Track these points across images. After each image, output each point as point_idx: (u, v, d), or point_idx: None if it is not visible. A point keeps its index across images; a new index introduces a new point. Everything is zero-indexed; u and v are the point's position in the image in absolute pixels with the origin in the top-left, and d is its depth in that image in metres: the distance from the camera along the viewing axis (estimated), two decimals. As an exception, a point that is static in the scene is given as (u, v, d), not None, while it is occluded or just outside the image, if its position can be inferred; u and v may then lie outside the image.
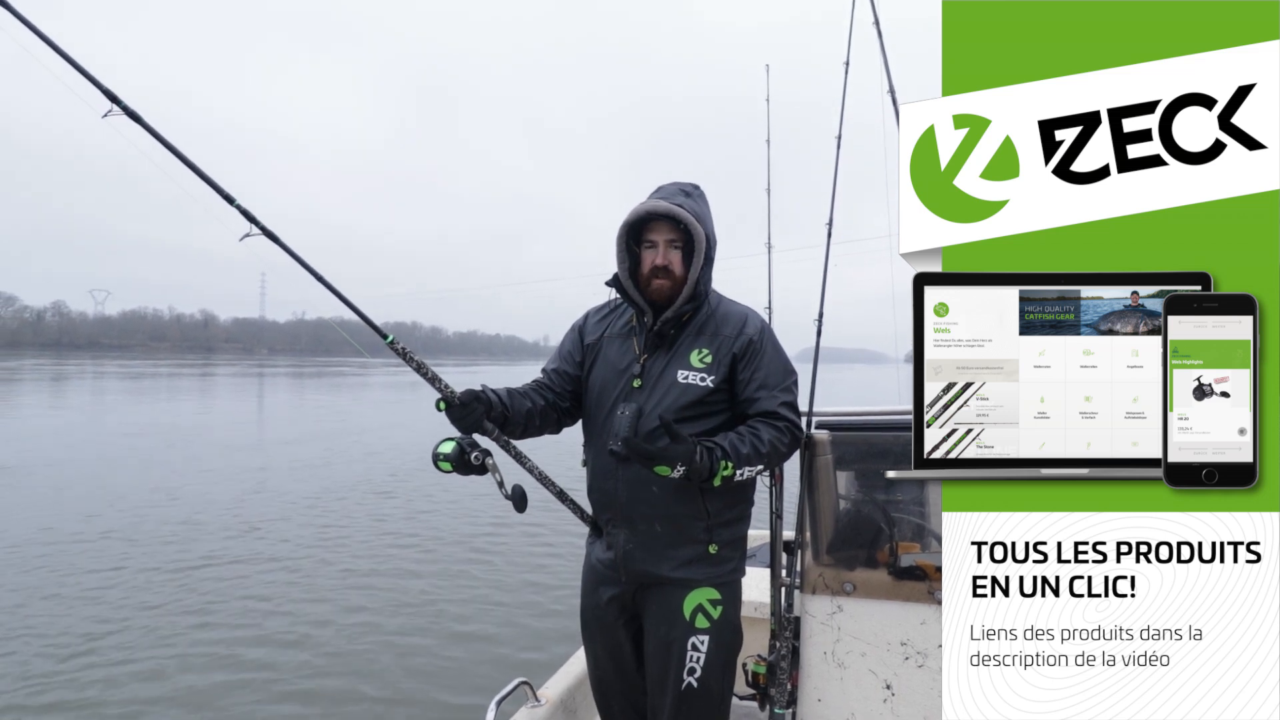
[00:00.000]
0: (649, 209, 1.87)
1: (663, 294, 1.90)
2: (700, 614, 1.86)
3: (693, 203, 1.92)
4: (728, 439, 1.80)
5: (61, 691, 4.34)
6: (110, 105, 1.62)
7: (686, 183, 1.98)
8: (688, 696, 1.85)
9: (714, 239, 1.94)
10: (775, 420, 1.86)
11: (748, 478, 1.83)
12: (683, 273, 1.90)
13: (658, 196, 1.92)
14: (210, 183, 1.70)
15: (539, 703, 2.18)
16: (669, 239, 1.89)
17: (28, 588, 6.11)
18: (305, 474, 11.83)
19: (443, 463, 1.76)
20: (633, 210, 1.90)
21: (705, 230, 1.88)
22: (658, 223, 1.89)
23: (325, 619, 5.53)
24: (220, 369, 64.49)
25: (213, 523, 8.41)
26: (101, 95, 1.62)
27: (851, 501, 2.21)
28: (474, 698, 4.27)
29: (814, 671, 2.08)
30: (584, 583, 2.05)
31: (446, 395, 1.77)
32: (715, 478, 1.75)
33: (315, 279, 1.77)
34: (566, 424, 2.06)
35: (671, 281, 1.89)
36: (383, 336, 1.80)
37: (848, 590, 2.07)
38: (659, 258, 1.89)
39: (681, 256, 1.90)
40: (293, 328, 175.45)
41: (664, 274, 1.89)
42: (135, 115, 1.64)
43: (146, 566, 6.74)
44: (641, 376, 1.91)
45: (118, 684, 4.45)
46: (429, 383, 1.78)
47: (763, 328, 1.97)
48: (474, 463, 1.75)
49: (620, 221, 1.92)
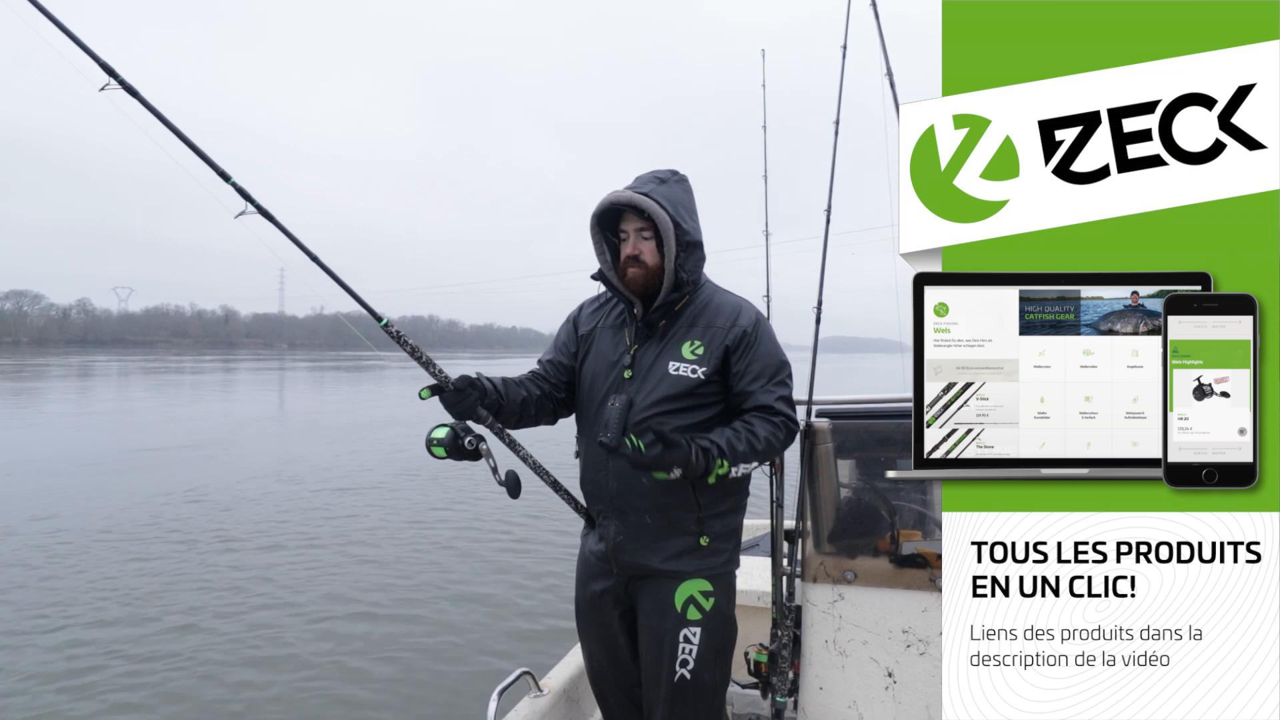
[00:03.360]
0: (612, 200, 1.87)
1: (638, 284, 1.89)
2: (692, 605, 1.87)
3: (667, 189, 1.89)
4: (724, 436, 1.80)
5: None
6: (108, 79, 1.61)
7: (665, 170, 1.96)
8: (681, 688, 1.85)
9: (688, 226, 1.90)
10: (770, 415, 1.86)
11: (743, 474, 1.83)
12: (656, 262, 1.88)
13: (631, 185, 1.91)
14: (206, 159, 1.68)
15: (541, 693, 2.20)
16: (638, 228, 1.88)
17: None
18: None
19: (436, 448, 1.76)
20: (599, 201, 1.89)
21: (673, 217, 1.85)
22: (627, 213, 1.89)
23: (327, 606, 5.61)
24: (260, 364, 65.32)
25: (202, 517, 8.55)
26: (99, 69, 1.60)
27: (852, 490, 2.22)
28: (476, 687, 4.31)
29: (815, 660, 2.10)
30: (578, 574, 2.07)
31: (441, 380, 1.78)
32: (710, 476, 1.76)
33: (310, 259, 1.76)
34: (562, 415, 2.07)
35: (644, 271, 1.88)
36: (378, 319, 1.81)
37: (849, 578, 2.08)
38: (630, 248, 1.89)
39: (654, 246, 1.88)
40: (311, 322, 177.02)
41: (635, 263, 1.88)
42: (132, 90, 1.62)
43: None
44: (632, 368, 1.91)
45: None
46: (423, 367, 1.79)
47: (757, 319, 1.95)
48: (467, 448, 1.76)
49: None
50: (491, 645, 4.98)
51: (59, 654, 4.80)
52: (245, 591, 6.00)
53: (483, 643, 5.02)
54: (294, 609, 5.62)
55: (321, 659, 4.75)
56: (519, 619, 5.44)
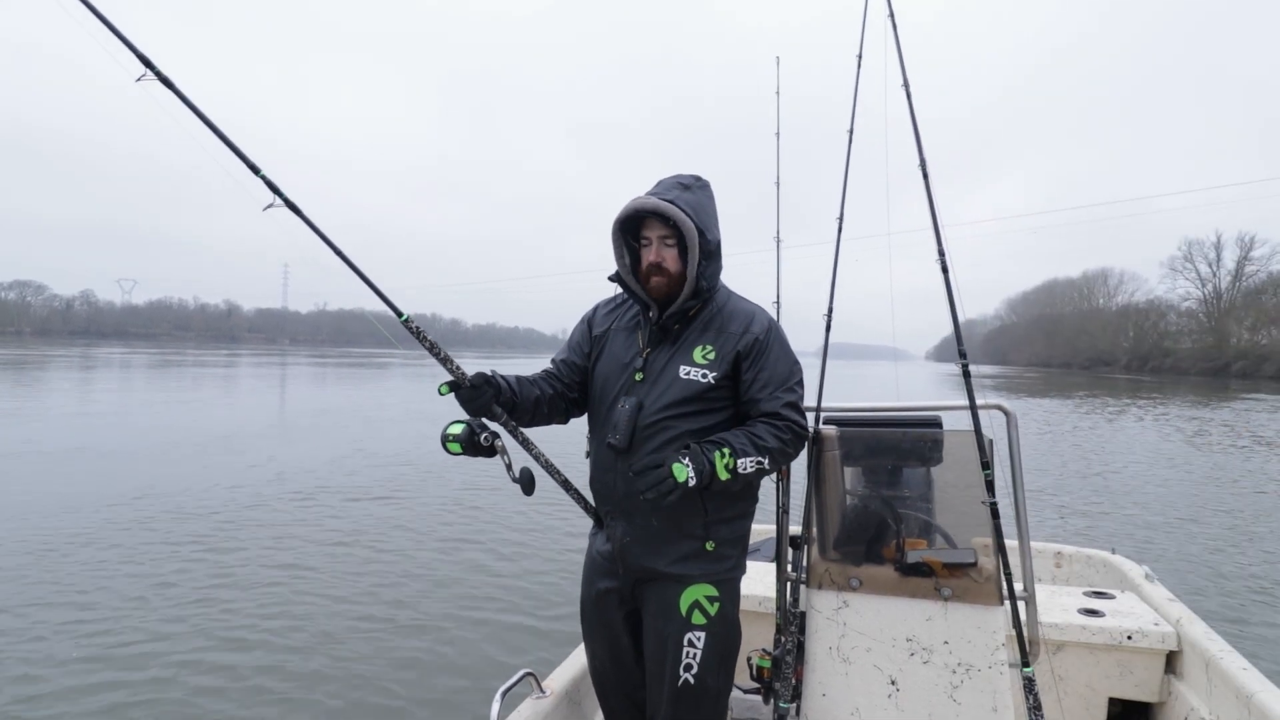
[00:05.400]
0: (637, 206, 1.85)
1: (661, 291, 1.89)
2: (697, 610, 1.86)
3: (691, 195, 1.88)
4: (725, 434, 1.81)
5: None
6: (144, 70, 1.62)
7: (688, 175, 1.95)
8: (684, 693, 1.85)
9: (711, 233, 1.89)
10: (776, 420, 1.85)
11: (750, 471, 1.80)
12: (679, 269, 1.88)
13: (653, 191, 1.90)
14: (237, 151, 1.70)
15: (544, 694, 2.20)
16: (661, 235, 1.88)
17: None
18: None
19: (451, 444, 1.76)
20: (624, 207, 1.88)
21: (698, 225, 1.84)
22: (650, 219, 1.88)
23: (330, 607, 5.61)
24: (270, 359, 65.61)
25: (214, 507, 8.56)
26: (136, 59, 1.61)
27: (858, 497, 2.21)
28: (479, 689, 4.31)
29: (819, 666, 2.09)
30: (584, 574, 2.07)
31: (458, 377, 1.78)
32: (717, 467, 1.75)
33: (335, 253, 1.78)
34: (574, 414, 2.08)
35: (668, 278, 1.88)
36: (398, 315, 1.82)
37: (854, 586, 2.08)
38: (652, 255, 1.88)
39: (677, 253, 1.88)
40: (314, 318, 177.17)
41: (659, 271, 1.88)
42: (168, 81, 1.64)
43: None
44: (644, 370, 1.91)
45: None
46: (441, 363, 1.79)
47: (769, 327, 1.94)
48: (483, 444, 1.76)
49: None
50: (494, 646, 4.97)
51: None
52: (244, 590, 6.01)
53: (485, 643, 5.01)
54: (293, 607, 5.62)
55: (320, 659, 4.74)
56: (522, 620, 5.42)
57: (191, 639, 4.95)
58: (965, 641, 1.97)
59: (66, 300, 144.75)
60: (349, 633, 5.13)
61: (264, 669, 4.57)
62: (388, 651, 4.85)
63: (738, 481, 1.79)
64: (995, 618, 1.97)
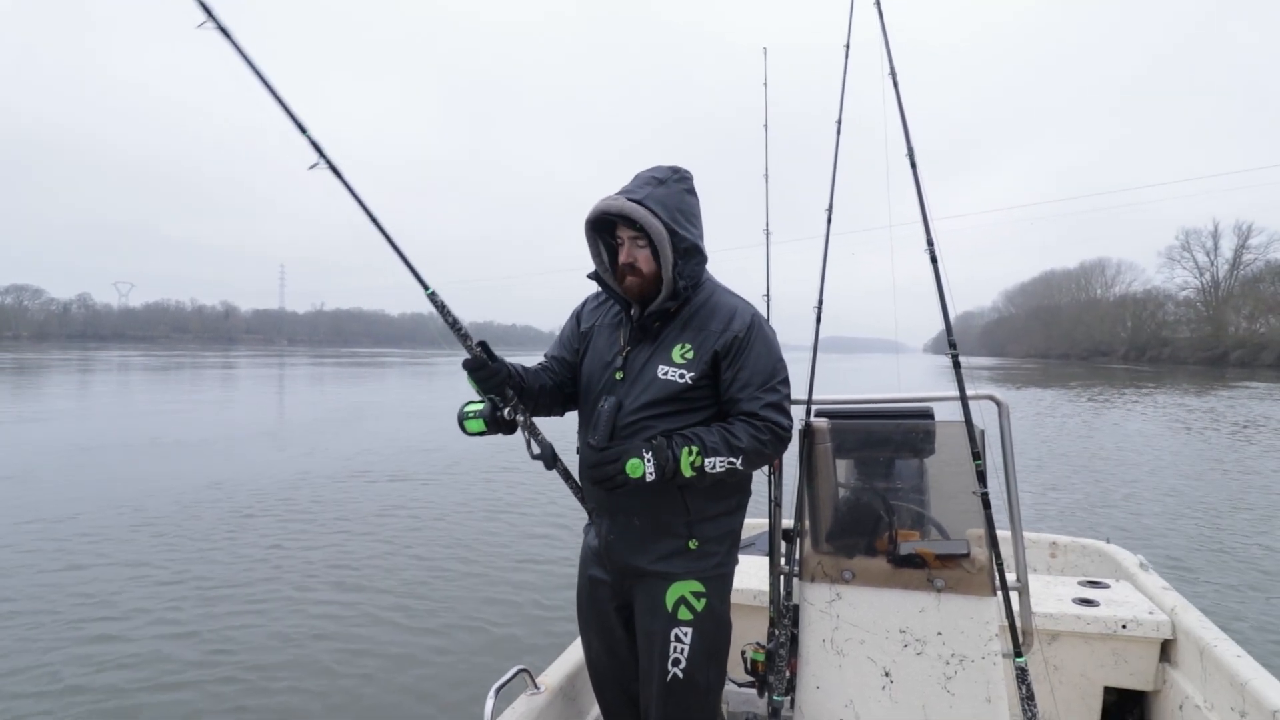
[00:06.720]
0: (603, 209, 1.81)
1: (635, 291, 1.85)
2: (683, 606, 1.85)
3: (664, 191, 1.82)
4: (696, 430, 1.79)
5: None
6: (205, 18, 1.68)
7: (665, 168, 1.89)
8: (674, 688, 1.85)
9: (685, 231, 1.82)
10: (755, 420, 1.80)
11: (719, 470, 1.75)
12: (653, 269, 1.83)
13: (625, 187, 1.85)
14: (287, 110, 1.77)
15: (538, 690, 2.20)
16: (632, 236, 1.83)
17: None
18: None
19: (472, 421, 1.76)
20: (592, 208, 1.84)
21: (666, 223, 1.78)
22: (620, 218, 1.82)
23: (323, 606, 5.61)
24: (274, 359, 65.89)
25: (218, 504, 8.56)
26: (199, 6, 1.67)
27: (850, 489, 2.20)
28: (473, 685, 4.31)
29: (813, 659, 2.09)
30: (580, 566, 2.07)
31: (476, 355, 1.78)
32: (682, 464, 1.72)
33: (371, 221, 1.81)
34: (570, 408, 2.07)
35: (642, 279, 1.84)
36: (425, 288, 1.81)
37: (847, 578, 2.08)
38: (624, 255, 1.84)
39: (649, 253, 1.83)
40: (311, 318, 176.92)
41: (632, 271, 1.84)
42: (226, 31, 1.70)
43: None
44: (624, 369, 1.88)
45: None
46: (459, 339, 1.80)
47: (751, 324, 1.86)
48: (507, 418, 1.77)
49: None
50: (488, 642, 4.97)
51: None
52: (244, 587, 6.01)
53: (480, 640, 5.02)
54: (293, 607, 5.62)
55: (311, 655, 4.74)
56: (516, 616, 5.43)
57: (180, 637, 4.95)
58: (958, 632, 1.97)
59: (63, 304, 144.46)
60: (341, 629, 5.13)
61: (253, 666, 4.57)
62: (381, 648, 4.85)
63: (704, 479, 1.75)
64: (988, 608, 1.97)
